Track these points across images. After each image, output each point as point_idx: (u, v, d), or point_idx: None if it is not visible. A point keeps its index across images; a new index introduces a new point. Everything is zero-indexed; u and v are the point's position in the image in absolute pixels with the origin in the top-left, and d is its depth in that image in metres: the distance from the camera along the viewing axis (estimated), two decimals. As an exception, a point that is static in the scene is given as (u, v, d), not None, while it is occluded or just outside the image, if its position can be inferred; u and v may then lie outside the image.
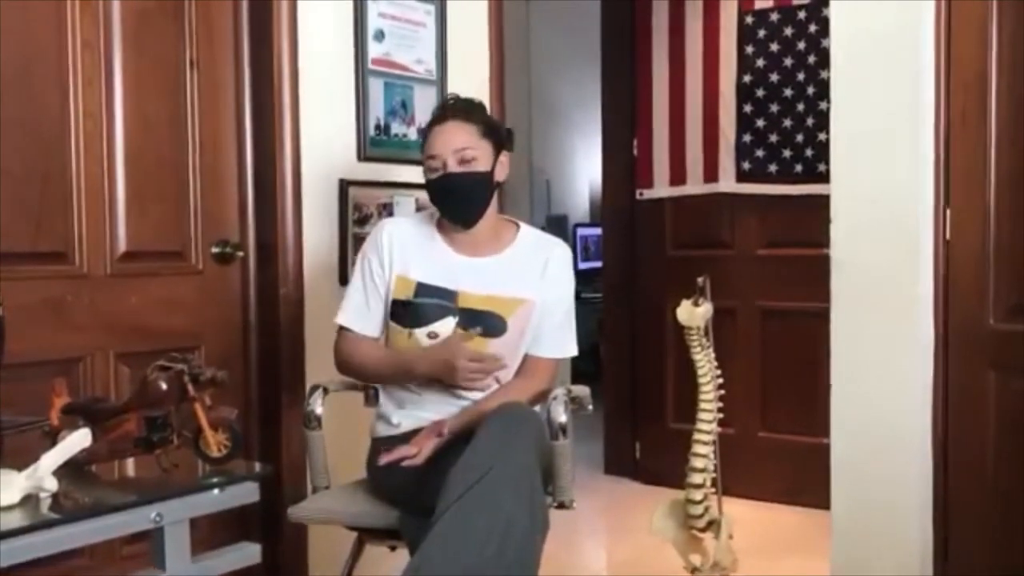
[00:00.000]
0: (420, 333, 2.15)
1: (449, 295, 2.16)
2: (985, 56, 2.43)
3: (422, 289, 2.17)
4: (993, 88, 2.43)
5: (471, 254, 2.21)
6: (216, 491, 1.46)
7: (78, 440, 1.42)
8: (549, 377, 2.23)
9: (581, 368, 3.31)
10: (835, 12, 2.64)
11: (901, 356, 2.53)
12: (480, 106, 2.25)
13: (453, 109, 2.20)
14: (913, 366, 2.52)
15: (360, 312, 2.21)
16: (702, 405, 2.13)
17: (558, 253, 2.24)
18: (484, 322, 2.16)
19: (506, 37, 3.34)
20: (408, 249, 2.20)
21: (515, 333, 2.17)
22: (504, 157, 2.22)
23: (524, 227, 2.29)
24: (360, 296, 2.21)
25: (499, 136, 2.22)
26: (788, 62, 3.79)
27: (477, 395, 2.15)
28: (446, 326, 2.15)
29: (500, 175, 2.20)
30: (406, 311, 2.17)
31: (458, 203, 2.16)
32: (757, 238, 3.97)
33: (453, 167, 2.13)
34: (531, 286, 2.19)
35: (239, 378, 2.68)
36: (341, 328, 2.23)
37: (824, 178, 2.82)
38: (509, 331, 2.16)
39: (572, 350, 2.28)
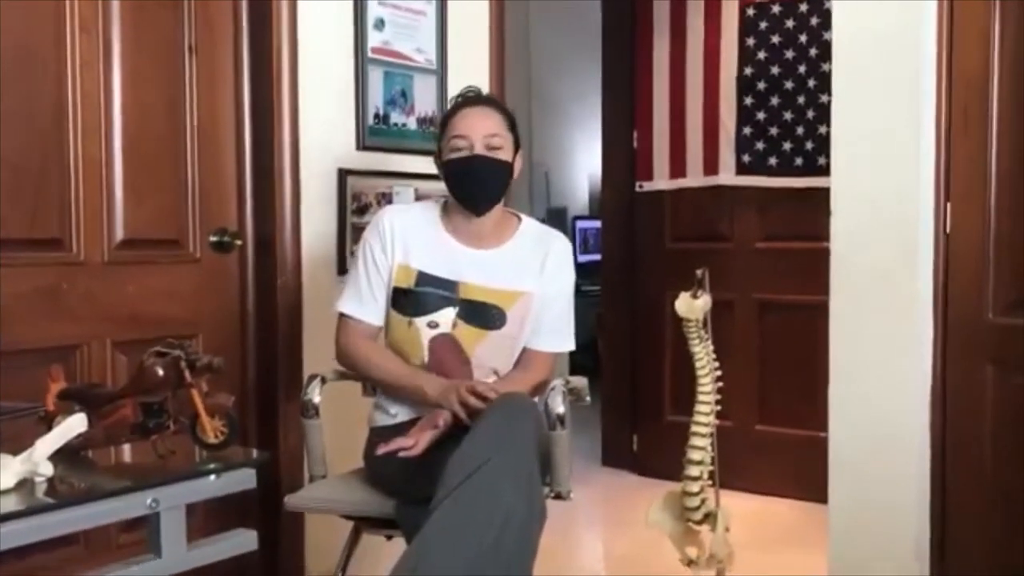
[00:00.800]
0: (420, 322, 2.15)
1: (450, 285, 2.16)
2: (987, 51, 2.43)
3: (423, 278, 2.16)
4: (995, 83, 2.43)
5: (473, 245, 2.20)
6: (212, 477, 1.46)
7: (74, 425, 1.42)
8: (547, 370, 2.22)
9: (579, 360, 3.30)
10: (837, 5, 2.63)
11: (900, 350, 2.53)
12: (501, 101, 2.28)
13: (482, 96, 2.21)
14: (912, 360, 2.52)
15: (362, 299, 2.20)
16: (700, 398, 2.12)
17: (559, 246, 2.24)
18: (484, 314, 2.15)
19: (506, 28, 3.33)
20: (410, 237, 2.19)
21: (514, 325, 2.17)
22: (519, 156, 2.23)
23: (526, 220, 2.29)
24: (362, 283, 2.20)
25: (518, 134, 2.23)
26: (789, 55, 3.78)
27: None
28: (446, 316, 2.14)
29: (516, 172, 2.21)
30: (407, 300, 2.16)
31: (478, 187, 2.15)
32: (756, 231, 3.96)
33: (481, 150, 2.12)
34: (531, 279, 2.19)
35: (237, 367, 2.67)
36: (342, 316, 2.22)
37: (824, 171, 2.82)
38: (508, 323, 2.16)
39: (570, 344, 2.27)
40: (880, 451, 2.56)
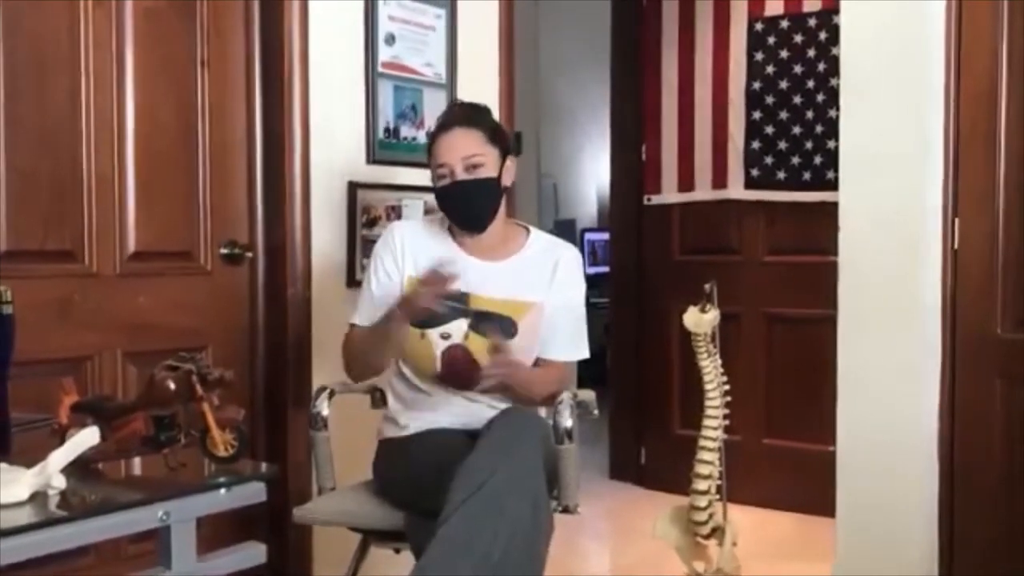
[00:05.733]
0: (433, 334, 2.16)
1: (461, 297, 2.17)
2: (995, 66, 2.43)
3: None
4: (1003, 98, 2.43)
5: (483, 257, 2.21)
6: (223, 491, 1.46)
7: (86, 438, 1.42)
8: (562, 379, 2.23)
9: (587, 373, 3.30)
10: (845, 20, 2.64)
11: (908, 365, 2.53)
12: (485, 110, 2.26)
13: (458, 116, 2.20)
14: (920, 375, 2.52)
15: (372, 310, 2.21)
16: (708, 411, 2.13)
17: (568, 257, 2.25)
18: (495, 325, 2.16)
19: (515, 42, 3.34)
20: (420, 251, 2.21)
21: (526, 336, 2.17)
22: (510, 162, 2.23)
23: (534, 231, 2.30)
24: (373, 294, 2.21)
25: (505, 141, 2.23)
26: (798, 69, 3.78)
27: (487, 398, 2.16)
28: (458, 327, 2.16)
29: (507, 180, 2.21)
30: None
31: (467, 210, 2.17)
32: (764, 244, 3.97)
33: (461, 174, 2.13)
34: (541, 290, 2.20)
35: (246, 378, 2.68)
36: (352, 326, 2.23)
37: (833, 186, 2.82)
38: (520, 334, 2.17)
39: (584, 352, 2.28)
40: (888, 465, 2.56)
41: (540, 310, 2.19)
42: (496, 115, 3.09)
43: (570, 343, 2.25)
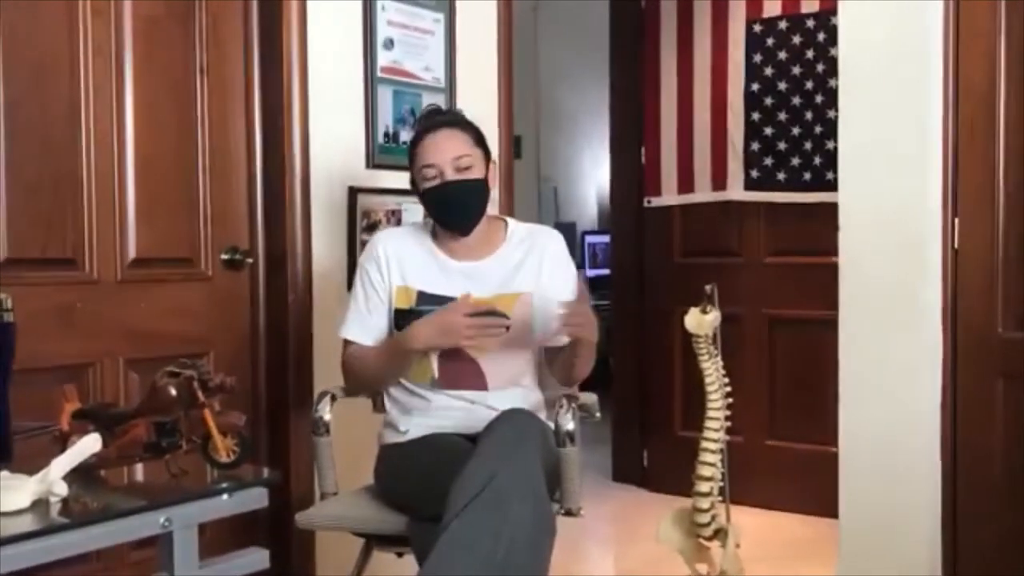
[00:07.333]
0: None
1: (450, 302, 2.17)
2: (994, 65, 2.44)
3: (423, 298, 2.18)
4: (1002, 97, 2.43)
5: (467, 258, 2.22)
6: (225, 496, 1.46)
7: (88, 445, 1.43)
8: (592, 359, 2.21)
9: (589, 375, 3.30)
10: (843, 21, 2.64)
11: (910, 365, 2.53)
12: (463, 115, 2.27)
13: (442, 118, 2.21)
14: (922, 375, 2.52)
15: (362, 323, 2.22)
16: (710, 413, 2.12)
17: (553, 246, 2.25)
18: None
19: (514, 44, 3.35)
20: (405, 260, 2.22)
21: (519, 328, 2.16)
22: (492, 165, 2.24)
23: (511, 222, 2.31)
24: (361, 307, 2.23)
25: (487, 145, 2.24)
26: (796, 70, 3.79)
27: (485, 396, 2.15)
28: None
29: (492, 183, 2.22)
30: (410, 320, 2.17)
31: (457, 211, 2.17)
32: (765, 246, 3.97)
33: (451, 175, 2.13)
34: (529, 279, 2.20)
35: (247, 384, 2.68)
36: (345, 342, 2.24)
37: (832, 186, 2.82)
38: (512, 328, 2.15)
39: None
40: (891, 466, 2.56)
41: (529, 299, 2.18)
42: (495, 119, 3.14)
43: None
